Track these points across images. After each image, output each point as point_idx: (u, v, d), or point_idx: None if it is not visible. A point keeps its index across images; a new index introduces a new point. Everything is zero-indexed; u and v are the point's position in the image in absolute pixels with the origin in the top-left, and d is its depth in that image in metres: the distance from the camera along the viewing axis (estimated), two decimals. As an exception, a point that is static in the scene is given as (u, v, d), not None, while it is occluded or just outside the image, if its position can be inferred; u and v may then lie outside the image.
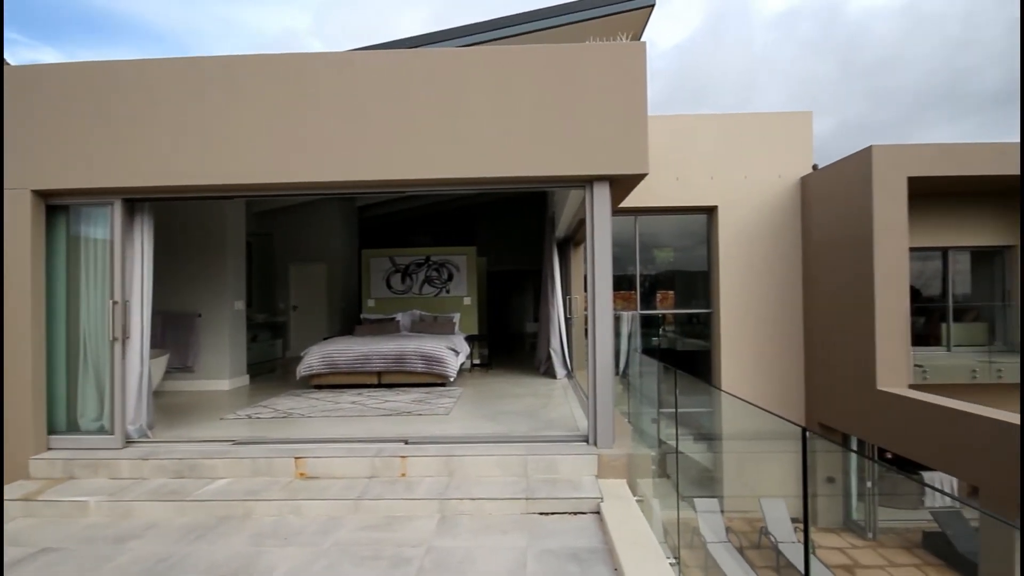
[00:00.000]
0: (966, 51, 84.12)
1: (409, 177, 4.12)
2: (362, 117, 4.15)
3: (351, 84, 4.18)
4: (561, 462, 4.12)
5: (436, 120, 4.13)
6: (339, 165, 4.14)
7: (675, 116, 9.56)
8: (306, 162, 4.15)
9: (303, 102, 4.17)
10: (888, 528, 8.92)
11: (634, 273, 9.83)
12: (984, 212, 9.12)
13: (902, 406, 6.97)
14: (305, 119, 4.16)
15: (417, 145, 4.12)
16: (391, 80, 4.17)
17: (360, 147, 4.13)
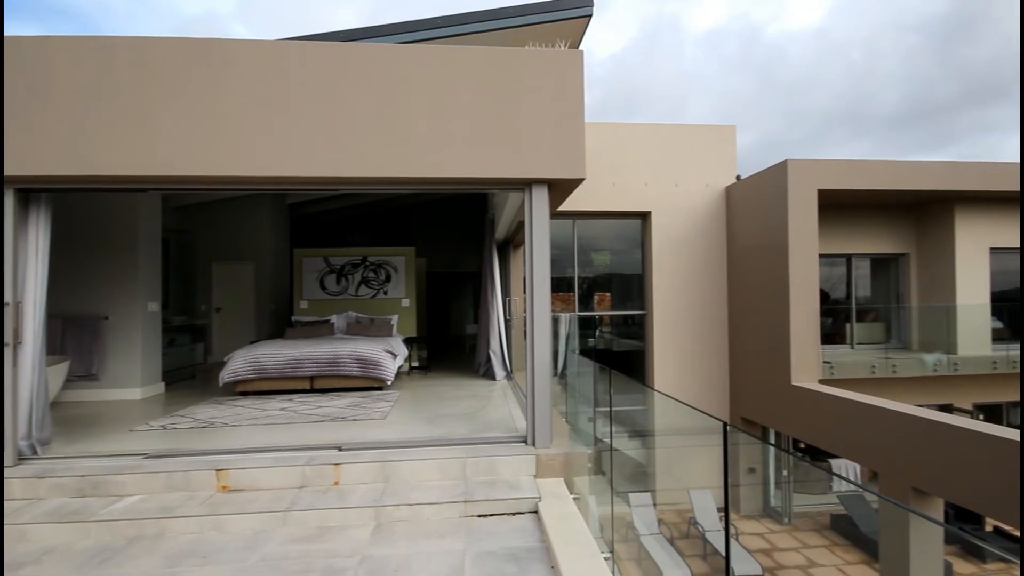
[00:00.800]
0: (867, 78, 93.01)
1: (342, 175, 3.98)
2: (291, 110, 3.96)
3: (280, 74, 3.98)
4: (500, 463, 4.13)
5: (372, 117, 4.02)
6: (265, 159, 3.92)
7: (611, 124, 9.88)
8: (228, 155, 3.90)
9: (226, 90, 3.92)
10: (802, 513, 9.65)
11: (572, 275, 10.05)
12: (882, 223, 10.11)
13: (813, 400, 7.56)
14: (228, 109, 3.92)
15: (351, 142, 3.99)
16: (324, 73, 4.01)
17: (289, 141, 3.94)
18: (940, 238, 9.72)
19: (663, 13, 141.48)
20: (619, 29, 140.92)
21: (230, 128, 3.91)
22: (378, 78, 4.05)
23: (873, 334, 10.33)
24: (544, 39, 4.67)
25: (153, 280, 6.75)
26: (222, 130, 3.90)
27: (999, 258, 9.79)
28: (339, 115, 3.99)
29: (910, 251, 10.13)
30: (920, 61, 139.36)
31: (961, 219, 9.47)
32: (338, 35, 5.53)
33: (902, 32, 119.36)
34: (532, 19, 5.86)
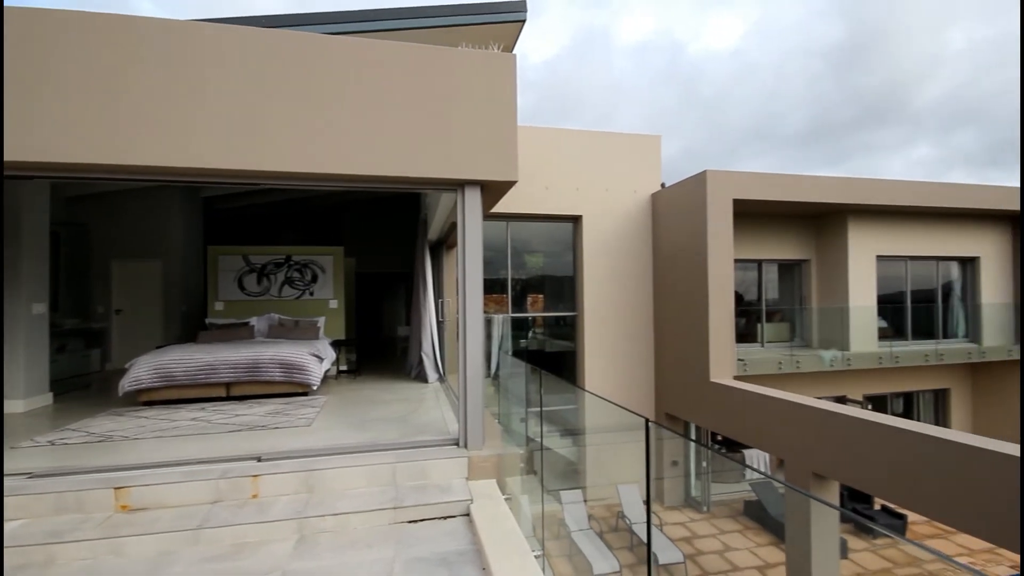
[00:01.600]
0: (776, 98, 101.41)
1: (262, 168, 3.75)
2: (206, 96, 3.68)
3: (192, 56, 3.68)
4: (432, 467, 4.07)
5: (296, 109, 3.83)
6: (171, 148, 3.60)
7: (545, 128, 10.06)
8: (128, 141, 3.55)
9: (126, 69, 3.57)
10: (719, 501, 10.30)
11: (506, 277, 10.12)
12: (788, 231, 11.03)
13: (728, 395, 8.10)
14: (128, 89, 3.56)
15: (272, 134, 3.77)
16: (243, 58, 3.77)
17: (199, 129, 3.65)
18: (835, 246, 10.76)
19: (594, 24, 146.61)
20: (552, 36, 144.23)
21: (130, 111, 3.56)
22: (304, 69, 3.86)
23: (780, 333, 11.23)
24: (478, 41, 4.67)
25: (39, 278, 6.02)
26: (119, 113, 3.54)
27: (884, 265, 10.99)
28: (260, 105, 3.76)
29: (811, 257, 11.12)
30: (821, 85, 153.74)
31: (853, 229, 10.53)
32: (260, 20, 5.22)
33: (807, 57, 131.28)
34: (466, 19, 5.84)
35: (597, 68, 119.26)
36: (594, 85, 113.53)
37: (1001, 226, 11.76)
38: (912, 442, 5.07)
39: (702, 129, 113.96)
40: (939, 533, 9.08)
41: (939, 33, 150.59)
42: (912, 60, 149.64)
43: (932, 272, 11.66)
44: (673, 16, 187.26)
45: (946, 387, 12.00)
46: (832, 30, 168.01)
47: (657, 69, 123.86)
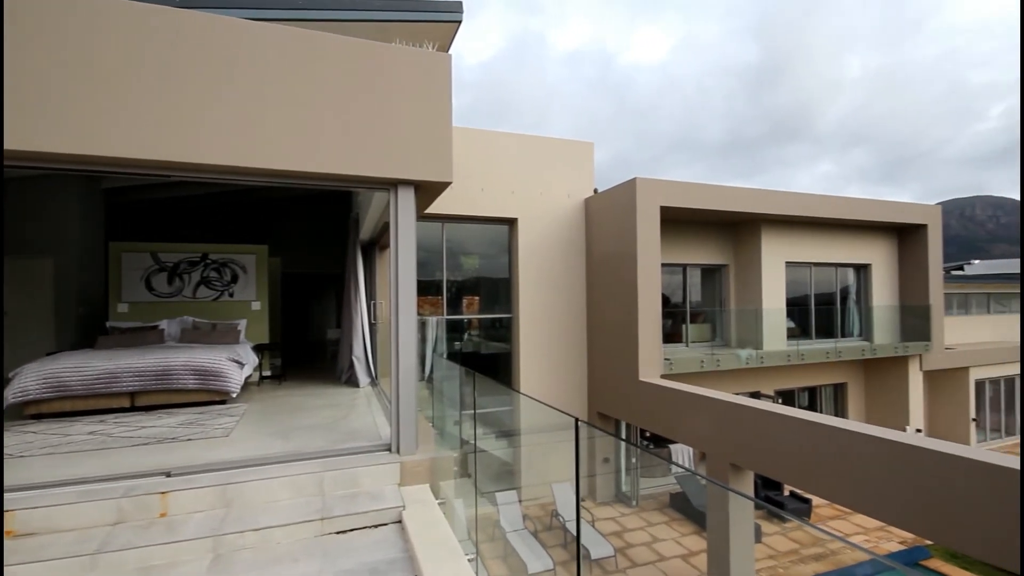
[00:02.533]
0: (698, 111, 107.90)
1: (173, 159, 3.47)
2: (110, 78, 3.35)
3: (89, 29, 3.34)
4: (362, 474, 3.93)
5: (217, 97, 3.58)
6: (74, 134, 3.26)
7: (481, 130, 10.08)
8: (29, 126, 3.17)
9: (23, 47, 3.19)
10: (647, 495, 10.74)
11: (441, 278, 10.01)
12: (710, 237, 11.73)
13: (655, 393, 8.47)
14: (25, 69, 3.18)
15: (189, 124, 3.50)
16: (157, 39, 3.47)
17: (99, 112, 3.32)
18: (750, 252, 11.58)
19: (529, 30, 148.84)
20: (488, 38, 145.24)
21: (36, 96, 3.17)
22: (225, 55, 3.62)
23: (703, 334, 11.91)
24: (412, 38, 4.58)
25: None
26: (22, 98, 3.15)
27: (792, 270, 11.96)
28: (174, 91, 3.48)
29: (729, 263, 11.90)
30: (737, 101, 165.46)
31: (765, 237, 11.38)
32: (172, 0, 4.82)
33: (725, 75, 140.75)
34: (401, 15, 5.72)
35: (532, 73, 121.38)
36: (529, 89, 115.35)
37: (889, 236, 13.17)
38: (814, 432, 5.54)
39: (631, 137, 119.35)
40: (839, 514, 10.00)
41: (838, 60, 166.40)
42: (816, 84, 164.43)
43: (832, 277, 12.84)
44: (605, 27, 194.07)
45: (844, 381, 13.25)
46: (747, 51, 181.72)
47: (590, 77, 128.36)
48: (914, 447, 4.57)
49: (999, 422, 15.12)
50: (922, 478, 4.47)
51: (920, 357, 12.85)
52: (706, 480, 8.77)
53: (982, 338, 16.75)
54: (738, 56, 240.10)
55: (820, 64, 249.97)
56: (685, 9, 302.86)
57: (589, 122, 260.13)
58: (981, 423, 14.44)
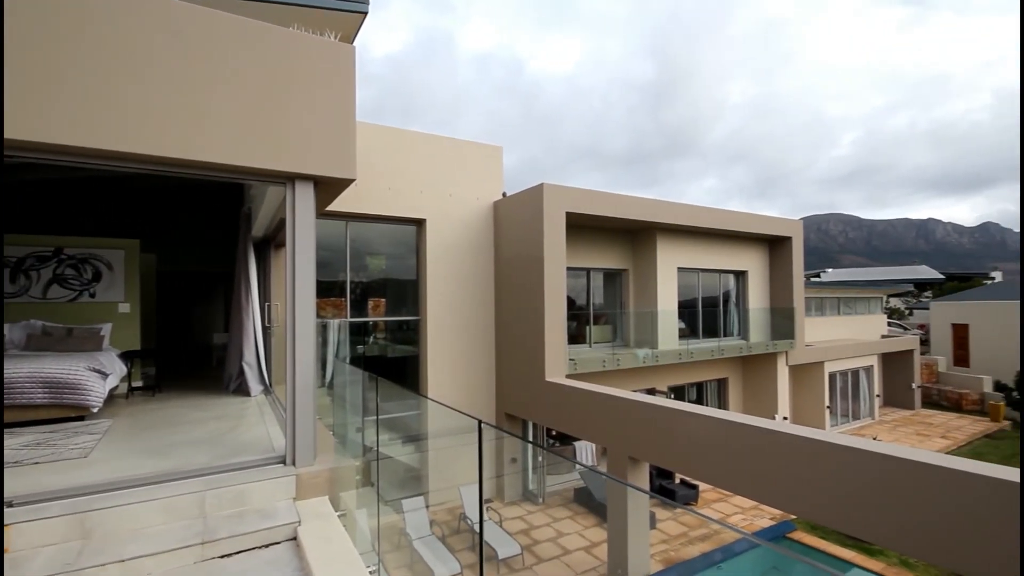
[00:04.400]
0: (603, 122, 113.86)
1: (18, 137, 2.98)
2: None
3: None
4: (252, 490, 3.64)
5: (77, 68, 3.12)
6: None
7: (389, 128, 9.80)
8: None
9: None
10: (554, 492, 11.05)
11: (345, 279, 9.56)
12: (612, 243, 12.37)
13: (561, 392, 8.75)
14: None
15: (51, 97, 3.02)
16: (17, 5, 2.95)
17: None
18: (647, 258, 12.39)
19: (437, 27, 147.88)
20: (396, 32, 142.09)
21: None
22: (102, 26, 3.17)
23: (605, 335, 12.52)
24: (314, 26, 4.33)
25: None
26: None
27: (683, 275, 12.97)
28: (38, 63, 2.98)
29: (629, 267, 12.64)
30: (637, 115, 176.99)
31: (660, 244, 12.24)
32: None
33: (627, 90, 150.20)
34: (303, 1, 5.38)
35: (442, 72, 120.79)
36: (438, 88, 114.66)
37: (762, 246, 14.78)
38: (699, 424, 6.05)
39: (540, 143, 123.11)
40: (721, 497, 10.99)
41: (723, 85, 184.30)
42: (704, 105, 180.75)
43: (716, 282, 14.13)
44: (514, 33, 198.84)
45: (725, 376, 14.63)
46: (646, 70, 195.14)
47: (499, 81, 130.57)
48: (779, 433, 5.15)
49: (847, 408, 17.56)
50: (786, 461, 5.05)
51: (786, 354, 14.55)
52: (599, 475, 9.23)
53: (834, 336, 19.34)
54: (638, 73, 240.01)
55: (707, 88, 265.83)
56: (590, 24, 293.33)
57: (498, 125, 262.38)
58: (833, 410, 16.67)
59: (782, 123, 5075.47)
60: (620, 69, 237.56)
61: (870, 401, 18.41)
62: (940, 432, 17.20)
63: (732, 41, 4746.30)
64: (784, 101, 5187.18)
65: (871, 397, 18.46)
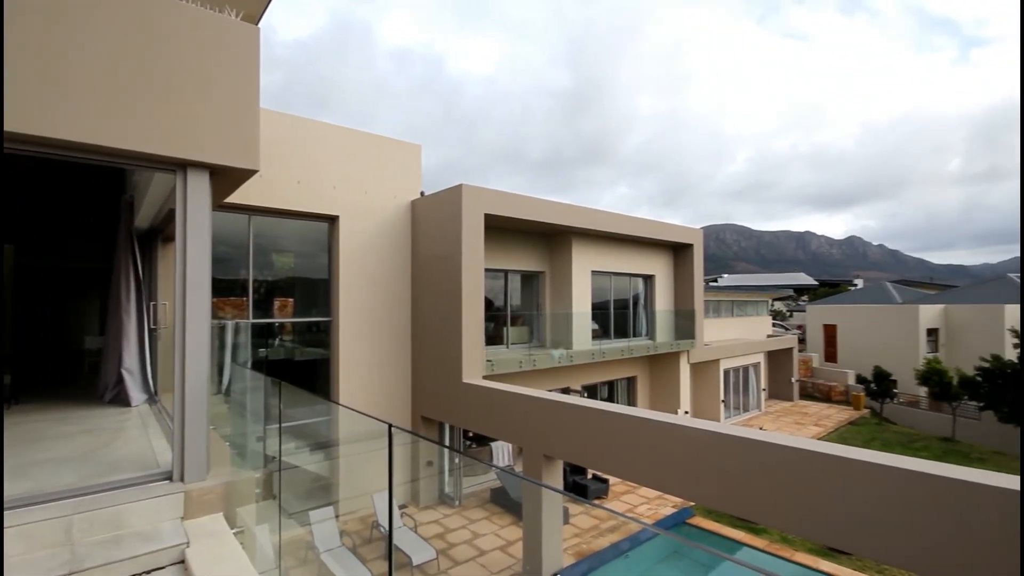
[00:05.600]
0: (522, 125, 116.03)
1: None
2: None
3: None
4: (131, 512, 3.27)
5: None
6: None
7: (299, 118, 9.26)
8: None
9: None
10: (470, 493, 11.01)
11: (247, 278, 8.88)
12: (529, 246, 12.60)
13: (478, 394, 8.75)
14: None
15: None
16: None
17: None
18: (563, 261, 12.77)
19: (354, 14, 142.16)
20: (307, 15, 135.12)
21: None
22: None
23: (522, 336, 12.72)
24: (215, 2, 3.98)
25: None
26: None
27: (597, 278, 13.52)
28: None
29: (545, 270, 12.95)
30: (554, 122, 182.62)
31: (575, 248, 12.67)
32: None
33: (545, 96, 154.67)
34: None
35: (357, 63, 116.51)
36: (354, 80, 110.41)
37: (667, 252, 15.80)
38: (609, 420, 6.32)
39: (459, 143, 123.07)
40: (629, 489, 11.57)
41: (634, 97, 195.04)
42: (617, 115, 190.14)
43: (627, 285, 14.89)
44: (434, 29, 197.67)
45: (634, 375, 15.45)
46: (563, 78, 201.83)
47: (418, 78, 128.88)
48: (679, 426, 5.51)
49: (739, 402, 19.24)
50: (685, 452, 5.42)
51: (688, 352, 15.66)
52: (519, 477, 9.36)
53: (728, 336, 21.13)
54: (556, 80, 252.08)
55: (620, 99, 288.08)
56: (509, 28, 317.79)
57: (417, 123, 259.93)
58: (727, 403, 18.19)
59: (685, 138, 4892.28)
60: (538, 75, 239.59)
61: (758, 394, 20.31)
62: (814, 420, 19.39)
63: (642, 57, 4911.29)
64: (688, 117, 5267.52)
65: (759, 391, 20.38)
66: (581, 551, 8.68)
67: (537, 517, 7.41)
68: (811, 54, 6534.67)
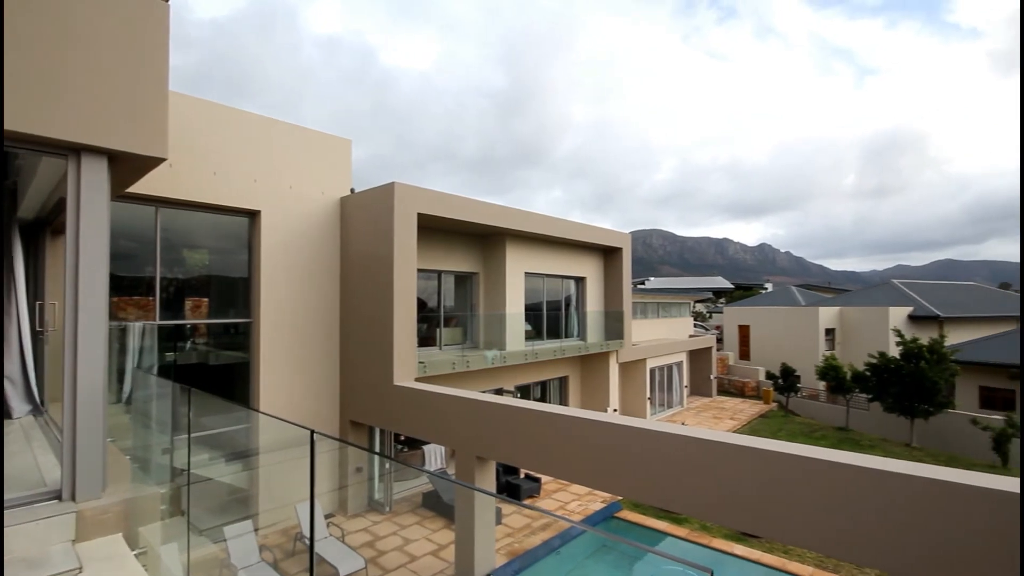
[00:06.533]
0: (458, 123, 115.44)
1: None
2: None
3: None
4: (13, 536, 2.90)
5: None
6: None
7: (217, 104, 8.65)
8: None
9: None
10: (402, 499, 10.76)
11: (155, 275, 8.16)
12: (463, 246, 12.54)
13: (409, 396, 8.58)
14: None
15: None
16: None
17: None
18: (497, 262, 12.83)
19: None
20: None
21: None
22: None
23: (455, 337, 12.63)
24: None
25: None
26: None
27: (530, 280, 13.70)
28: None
29: (479, 271, 12.95)
30: (490, 122, 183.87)
31: (509, 249, 12.77)
32: None
33: (479, 96, 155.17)
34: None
35: (281, 49, 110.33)
36: (277, 66, 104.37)
37: (598, 255, 16.31)
38: (540, 420, 6.42)
39: (392, 139, 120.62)
40: (562, 487, 11.81)
41: (568, 102, 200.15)
42: (552, 119, 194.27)
43: (560, 287, 15.21)
44: (366, 19, 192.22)
45: (566, 375, 15.81)
46: (498, 79, 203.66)
47: (348, 69, 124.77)
48: (607, 424, 5.70)
49: (664, 399, 20.22)
50: (612, 448, 5.61)
51: (617, 352, 16.24)
52: (450, 481, 9.28)
53: (654, 336, 22.15)
54: (491, 81, 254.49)
55: (555, 104, 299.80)
56: (444, 24, 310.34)
57: (348, 116, 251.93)
58: (653, 400, 19.06)
59: (616, 145, 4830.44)
60: (474, 74, 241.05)
61: (680, 391, 21.45)
62: (730, 414, 20.77)
63: (576, 64, 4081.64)
64: (618, 126, 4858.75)
65: (681, 388, 21.53)
66: (514, 550, 8.74)
67: (470, 519, 7.38)
68: (730, 73, 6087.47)
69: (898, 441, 18.65)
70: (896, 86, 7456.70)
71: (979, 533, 3.48)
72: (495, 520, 8.33)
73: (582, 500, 11.17)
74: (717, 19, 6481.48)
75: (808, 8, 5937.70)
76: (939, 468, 3.88)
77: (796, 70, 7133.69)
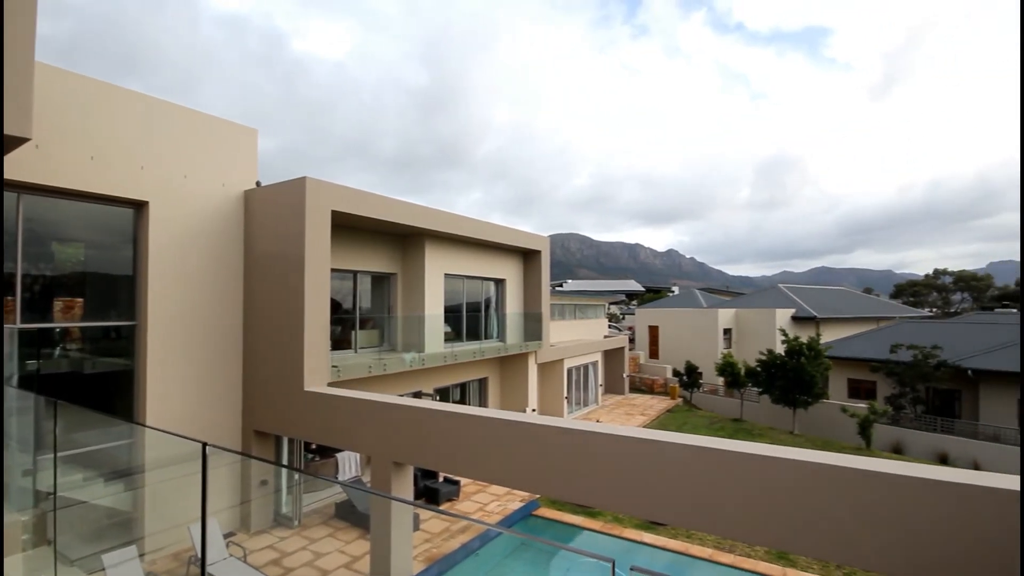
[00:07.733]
0: (375, 118, 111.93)
1: None
2: None
3: None
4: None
5: None
6: None
7: (96, 80, 7.69)
8: None
9: None
10: (312, 511, 10.19)
11: (15, 272, 7.07)
12: (381, 246, 12.16)
13: (322, 402, 8.14)
14: None
15: None
16: None
17: None
18: (415, 263, 12.59)
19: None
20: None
21: None
22: None
23: (372, 339, 12.21)
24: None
25: None
26: None
27: (449, 281, 13.58)
28: None
29: (398, 271, 12.63)
30: (409, 120, 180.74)
31: (429, 250, 12.58)
32: None
33: (398, 92, 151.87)
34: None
35: (176, 22, 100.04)
36: (171, 43, 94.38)
37: (518, 257, 16.54)
38: (459, 423, 6.36)
39: (303, 131, 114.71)
40: (481, 488, 11.79)
41: (488, 105, 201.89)
42: (473, 121, 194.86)
43: (479, 288, 15.22)
44: (273, 1, 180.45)
45: (486, 376, 15.85)
46: (419, 76, 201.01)
47: (254, 52, 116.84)
48: (523, 424, 5.78)
49: (580, 397, 20.91)
50: (529, 447, 5.69)
51: (535, 353, 16.56)
52: (365, 491, 8.95)
53: (570, 337, 22.86)
54: (411, 77, 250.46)
55: (476, 106, 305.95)
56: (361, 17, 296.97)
57: (253, 103, 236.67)
58: (570, 399, 19.66)
59: (537, 149, 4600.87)
60: (393, 69, 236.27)
61: (596, 390, 22.31)
62: (640, 410, 21.93)
63: (497, 67, 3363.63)
64: (538, 130, 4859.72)
65: (597, 387, 22.40)
66: (432, 555, 8.59)
67: (386, 527, 7.14)
68: (643, 87, 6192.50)
69: (783, 429, 20.72)
70: (782, 110, 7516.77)
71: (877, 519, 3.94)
72: (412, 526, 8.12)
73: (501, 500, 11.23)
74: (631, 35, 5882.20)
75: (711, 32, 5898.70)
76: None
77: (700, 89, 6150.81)
